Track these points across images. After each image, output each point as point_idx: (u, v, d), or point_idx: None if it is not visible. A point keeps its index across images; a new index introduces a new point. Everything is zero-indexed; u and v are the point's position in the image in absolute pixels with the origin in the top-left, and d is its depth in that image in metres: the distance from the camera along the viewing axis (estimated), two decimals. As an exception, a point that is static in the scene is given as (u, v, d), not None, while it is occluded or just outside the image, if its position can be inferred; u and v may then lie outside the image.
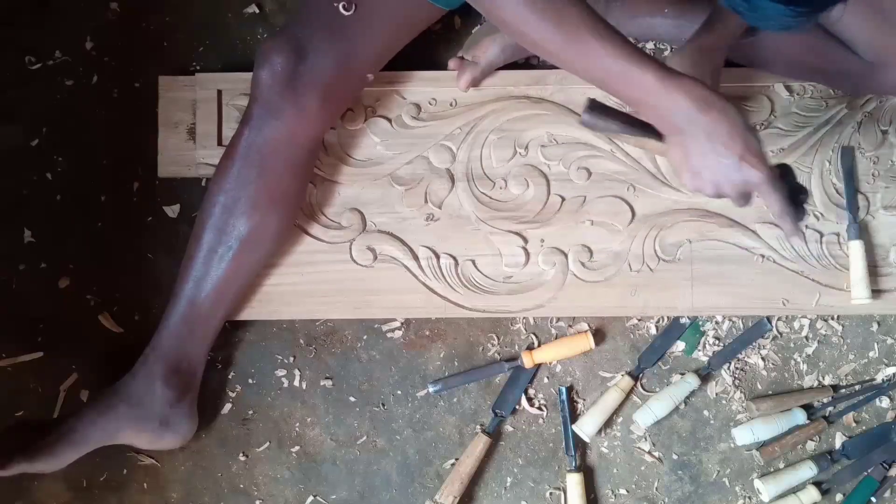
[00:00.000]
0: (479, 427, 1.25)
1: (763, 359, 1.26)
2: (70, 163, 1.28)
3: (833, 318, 1.27)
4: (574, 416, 1.24)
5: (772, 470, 1.24)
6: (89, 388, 1.24)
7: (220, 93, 1.25)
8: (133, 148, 1.28)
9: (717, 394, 1.26)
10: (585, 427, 1.22)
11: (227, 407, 1.25)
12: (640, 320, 1.26)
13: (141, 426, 1.14)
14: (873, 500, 1.23)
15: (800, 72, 1.22)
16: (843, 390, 1.25)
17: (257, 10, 1.32)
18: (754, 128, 0.91)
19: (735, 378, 1.26)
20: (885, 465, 1.22)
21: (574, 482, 1.21)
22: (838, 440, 1.25)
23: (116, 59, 1.30)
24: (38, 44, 1.30)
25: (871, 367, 1.26)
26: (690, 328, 1.26)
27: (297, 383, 1.26)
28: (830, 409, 1.25)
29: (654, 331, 1.26)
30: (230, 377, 1.26)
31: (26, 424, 1.13)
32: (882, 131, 1.26)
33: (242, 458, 1.25)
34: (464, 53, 1.26)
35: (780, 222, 0.93)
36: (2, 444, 1.07)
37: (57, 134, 1.29)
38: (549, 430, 1.25)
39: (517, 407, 1.25)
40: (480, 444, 1.22)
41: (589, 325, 1.26)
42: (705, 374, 1.25)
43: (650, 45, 1.30)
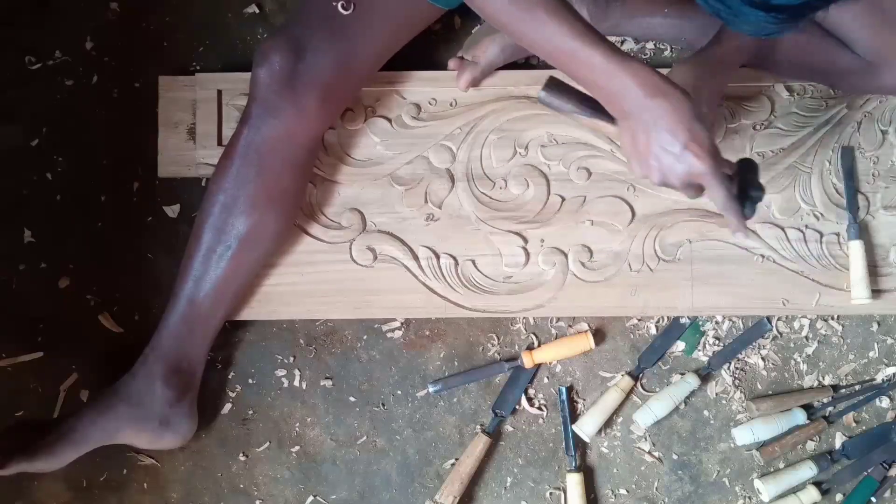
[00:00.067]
0: (479, 427, 1.25)
1: (763, 359, 1.26)
2: (70, 163, 1.28)
3: (833, 318, 1.26)
4: (574, 416, 1.24)
5: (772, 470, 1.24)
6: (89, 388, 1.24)
7: (220, 93, 1.25)
8: (133, 148, 1.28)
9: (717, 394, 1.26)
10: (585, 427, 1.22)
11: (227, 407, 1.25)
12: (640, 320, 1.26)
13: (141, 426, 1.14)
14: (873, 500, 1.23)
15: (800, 72, 1.21)
16: (843, 390, 1.25)
17: (257, 10, 1.32)
18: (705, 117, 0.92)
19: (735, 378, 1.26)
20: (885, 465, 1.22)
21: (574, 482, 1.21)
22: (838, 440, 1.25)
23: (116, 59, 1.30)
24: (38, 44, 1.30)
25: (871, 367, 1.26)
26: (690, 328, 1.26)
27: (297, 383, 1.26)
28: (830, 409, 1.25)
29: (654, 331, 1.26)
30: (230, 377, 1.26)
31: (26, 424, 1.13)
32: (882, 131, 1.26)
33: (242, 458, 1.25)
34: (464, 53, 1.26)
35: (724, 216, 0.92)
36: (2, 444, 1.07)
37: (57, 134, 1.29)
38: (549, 430, 1.25)
39: (517, 407, 1.25)
40: (480, 444, 1.22)
41: (589, 325, 1.26)
42: (705, 374, 1.25)
43: (650, 45, 1.30)
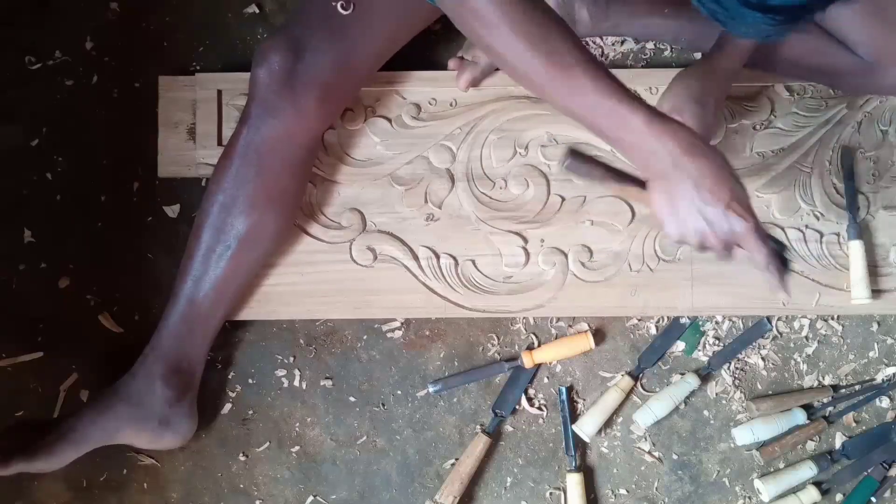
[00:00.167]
0: (479, 427, 1.25)
1: (763, 359, 1.26)
2: (70, 163, 1.28)
3: (833, 318, 1.26)
4: (574, 416, 1.24)
5: (772, 470, 1.24)
6: (89, 388, 1.24)
7: (220, 93, 1.25)
8: (133, 148, 1.28)
9: (717, 394, 1.26)
10: (585, 427, 1.22)
11: (227, 407, 1.25)
12: (640, 320, 1.26)
13: (141, 426, 1.13)
14: (873, 500, 1.23)
15: (800, 72, 1.21)
16: (843, 390, 1.25)
17: (257, 10, 1.32)
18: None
19: (735, 378, 1.26)
20: (885, 465, 1.22)
21: (574, 482, 1.21)
22: (838, 440, 1.25)
23: (116, 59, 1.30)
24: (38, 44, 1.30)
25: (871, 367, 1.26)
26: (690, 328, 1.26)
27: (297, 383, 1.26)
28: (830, 409, 1.25)
29: (654, 331, 1.26)
30: (230, 377, 1.26)
31: (26, 424, 1.13)
32: (882, 131, 1.26)
33: (242, 458, 1.25)
34: (464, 53, 1.26)
35: (765, 274, 0.88)
36: (2, 444, 1.07)
37: (57, 134, 1.29)
38: (549, 430, 1.25)
39: (517, 407, 1.25)
40: (480, 444, 1.22)
41: (589, 325, 1.26)
42: (705, 374, 1.25)
43: (650, 45, 1.30)
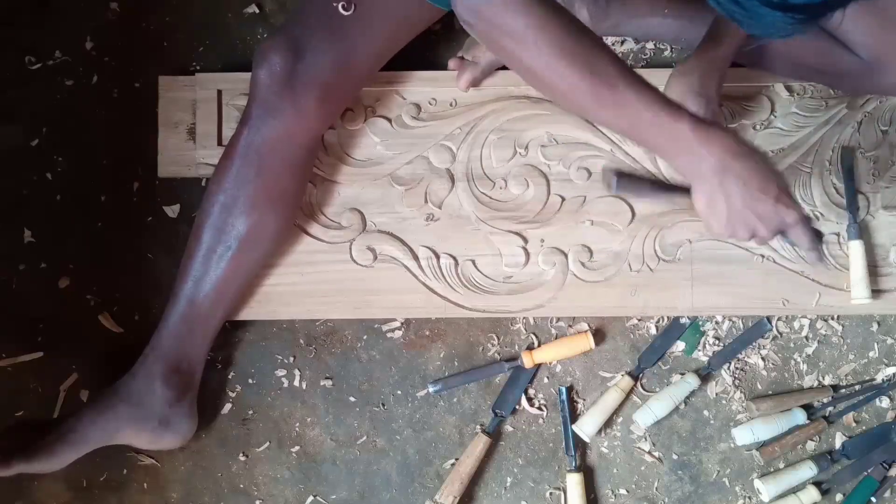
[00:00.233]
0: (479, 427, 1.25)
1: (763, 359, 1.26)
2: (70, 163, 1.28)
3: (833, 318, 1.26)
4: (574, 416, 1.24)
5: (772, 470, 1.24)
6: (89, 388, 1.24)
7: (220, 93, 1.25)
8: (133, 148, 1.28)
9: (717, 394, 1.26)
10: (585, 427, 1.22)
11: (227, 407, 1.25)
12: (640, 320, 1.26)
13: (141, 426, 1.13)
14: (873, 500, 1.23)
15: (800, 72, 1.21)
16: (843, 390, 1.25)
17: (257, 10, 1.32)
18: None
19: (735, 378, 1.26)
20: (885, 465, 1.22)
21: (574, 482, 1.21)
22: (838, 440, 1.25)
23: (116, 59, 1.30)
24: (38, 44, 1.30)
25: (871, 367, 1.26)
26: (690, 328, 1.26)
27: (297, 383, 1.26)
28: (830, 409, 1.25)
29: (654, 331, 1.26)
30: (230, 377, 1.26)
31: (26, 424, 1.13)
32: (882, 131, 1.26)
33: (242, 458, 1.25)
34: (464, 53, 1.26)
35: (809, 254, 0.98)
36: (2, 444, 1.07)
37: (57, 134, 1.29)
38: (549, 430, 1.25)
39: (517, 407, 1.25)
40: (480, 444, 1.22)
41: (589, 325, 1.26)
42: (705, 374, 1.25)
43: (650, 45, 1.30)
